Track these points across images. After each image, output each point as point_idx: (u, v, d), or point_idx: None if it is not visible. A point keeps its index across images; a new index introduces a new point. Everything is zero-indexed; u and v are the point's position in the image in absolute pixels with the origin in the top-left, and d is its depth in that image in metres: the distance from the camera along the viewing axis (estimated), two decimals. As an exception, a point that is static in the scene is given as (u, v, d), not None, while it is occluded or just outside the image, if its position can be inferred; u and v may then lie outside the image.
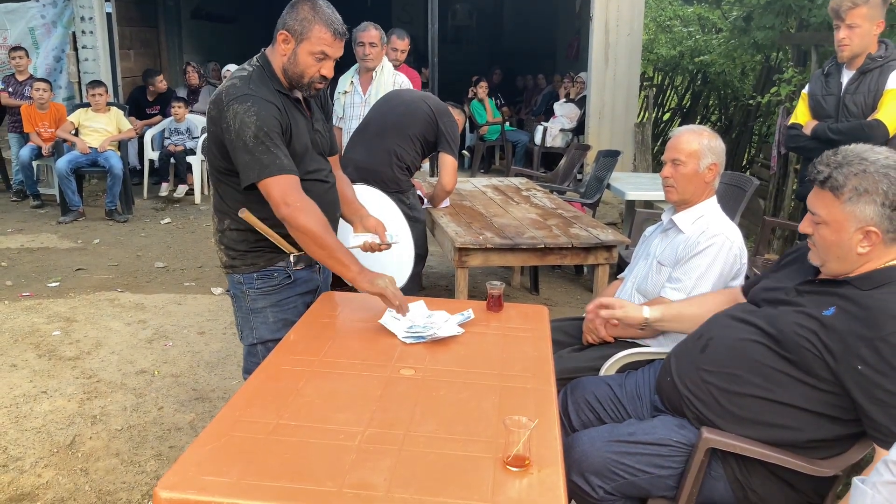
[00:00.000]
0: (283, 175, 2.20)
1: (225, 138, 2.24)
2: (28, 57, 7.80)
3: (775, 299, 1.99)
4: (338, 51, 2.30)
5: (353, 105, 4.51)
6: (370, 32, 4.45)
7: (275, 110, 2.23)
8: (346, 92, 4.64)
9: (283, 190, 2.20)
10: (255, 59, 2.36)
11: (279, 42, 2.29)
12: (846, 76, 3.54)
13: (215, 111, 2.27)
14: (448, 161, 3.95)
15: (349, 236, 2.58)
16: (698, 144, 2.55)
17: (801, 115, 3.71)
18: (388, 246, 2.55)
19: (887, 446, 1.64)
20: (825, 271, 1.92)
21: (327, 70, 2.31)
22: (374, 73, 4.53)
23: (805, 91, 3.75)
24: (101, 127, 7.20)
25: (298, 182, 2.24)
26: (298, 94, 2.38)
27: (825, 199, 1.84)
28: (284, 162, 2.21)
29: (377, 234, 2.55)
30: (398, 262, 2.80)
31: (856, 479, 1.55)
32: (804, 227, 1.92)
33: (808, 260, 1.96)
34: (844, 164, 1.82)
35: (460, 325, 2.25)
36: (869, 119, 3.40)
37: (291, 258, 2.43)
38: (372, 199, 2.89)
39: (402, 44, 5.03)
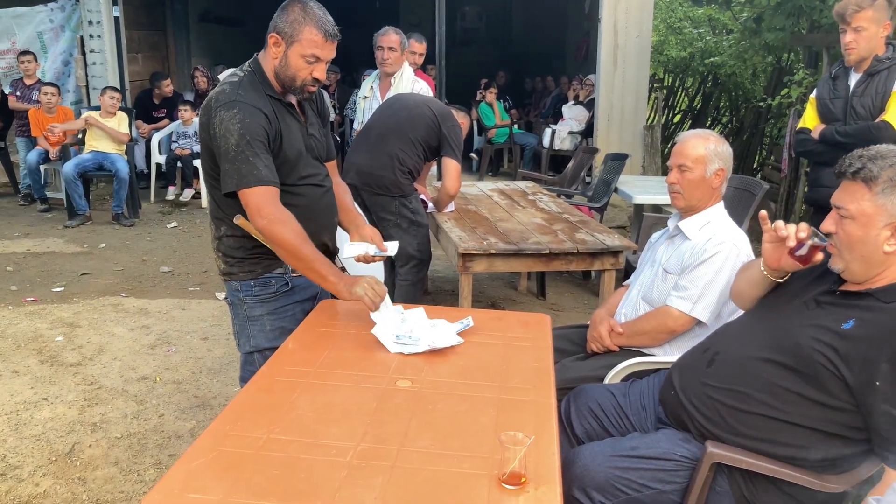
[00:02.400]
0: (260, 186, 2.16)
1: (212, 144, 2.22)
2: (37, 61, 7.82)
3: (792, 310, 1.91)
4: (329, 53, 2.26)
5: (371, 110, 4.43)
6: (390, 37, 4.40)
7: (261, 117, 2.20)
8: (365, 97, 4.61)
9: (259, 202, 2.16)
10: (247, 64, 2.33)
11: (270, 45, 2.26)
12: (853, 79, 3.49)
13: (205, 118, 2.24)
14: (451, 165, 3.90)
15: (344, 245, 2.54)
16: (705, 149, 2.50)
17: (810, 119, 3.66)
18: (383, 258, 2.50)
19: None
20: (848, 276, 1.83)
21: (319, 72, 2.27)
22: (392, 79, 4.48)
23: (813, 95, 3.70)
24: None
25: (276, 193, 2.20)
26: (292, 99, 2.35)
27: (855, 192, 1.77)
28: (263, 172, 2.17)
29: (373, 244, 2.50)
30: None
31: (871, 499, 1.49)
32: (827, 225, 1.84)
33: (829, 267, 1.88)
34: (879, 157, 1.76)
35: (459, 334, 2.20)
36: (876, 121, 3.35)
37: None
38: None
39: (419, 47, 4.96)
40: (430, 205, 4.21)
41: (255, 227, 2.21)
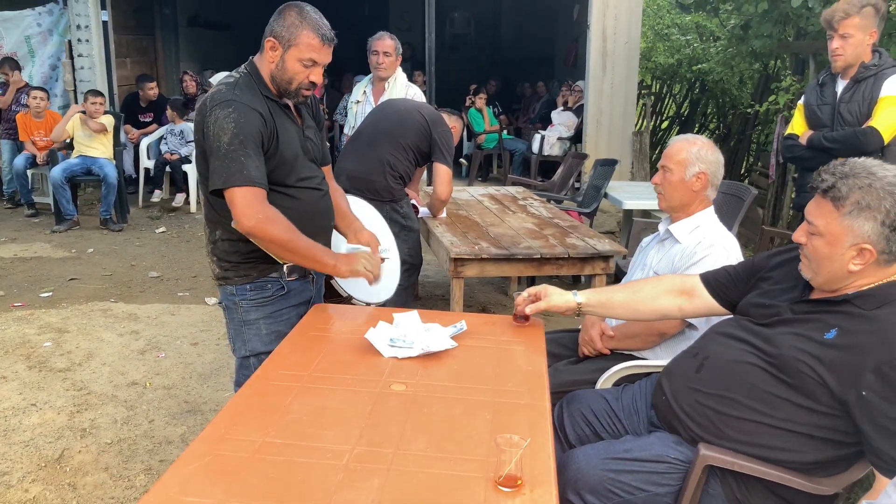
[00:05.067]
0: (248, 186, 2.16)
1: (205, 144, 2.21)
2: (18, 69, 7.74)
3: (771, 319, 1.92)
4: (326, 57, 2.28)
5: (363, 115, 4.42)
6: (385, 41, 4.41)
7: (257, 117, 2.20)
8: (358, 101, 4.61)
9: (246, 201, 2.16)
10: (242, 66, 2.33)
11: (267, 49, 2.26)
12: (840, 85, 3.53)
13: (199, 117, 2.24)
14: (442, 170, 3.91)
15: (340, 246, 2.54)
16: (687, 153, 2.53)
17: (798, 125, 3.70)
18: (381, 260, 2.51)
19: (889, 475, 1.59)
20: (815, 284, 1.86)
21: (316, 76, 2.28)
22: (386, 84, 4.48)
23: (801, 102, 3.74)
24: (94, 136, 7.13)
25: (264, 195, 2.20)
26: (288, 101, 2.35)
27: (824, 210, 1.77)
28: (252, 173, 2.17)
29: (370, 247, 2.50)
30: (385, 274, 2.73)
31: (864, 503, 1.50)
32: (798, 236, 1.86)
33: (798, 270, 1.91)
34: (851, 175, 1.74)
35: (453, 338, 2.21)
36: (863, 127, 3.39)
37: (285, 269, 2.40)
38: (362, 212, 2.84)
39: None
40: (422, 210, 4.22)
41: (243, 229, 2.19)
